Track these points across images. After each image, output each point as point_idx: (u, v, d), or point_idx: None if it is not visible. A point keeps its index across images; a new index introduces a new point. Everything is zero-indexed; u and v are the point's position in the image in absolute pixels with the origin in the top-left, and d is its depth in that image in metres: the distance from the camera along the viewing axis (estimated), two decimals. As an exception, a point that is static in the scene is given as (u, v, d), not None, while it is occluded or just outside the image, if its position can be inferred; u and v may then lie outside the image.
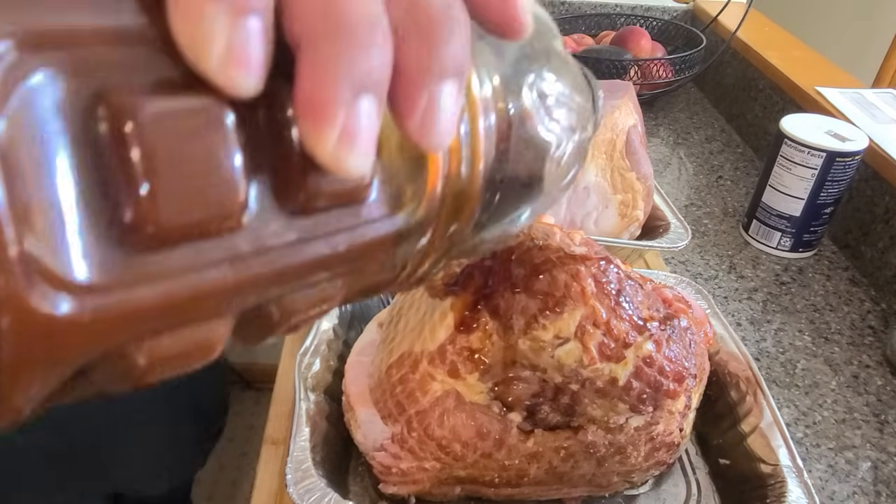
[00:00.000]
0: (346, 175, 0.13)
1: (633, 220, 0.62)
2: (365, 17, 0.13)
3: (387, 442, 0.41)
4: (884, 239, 0.71)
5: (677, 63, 1.03)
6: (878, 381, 0.60)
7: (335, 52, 0.12)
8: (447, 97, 0.14)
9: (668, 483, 0.47)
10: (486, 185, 0.17)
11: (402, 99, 0.14)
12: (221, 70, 0.12)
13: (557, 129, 0.19)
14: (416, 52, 0.14)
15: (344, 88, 0.12)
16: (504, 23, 0.16)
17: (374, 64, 0.13)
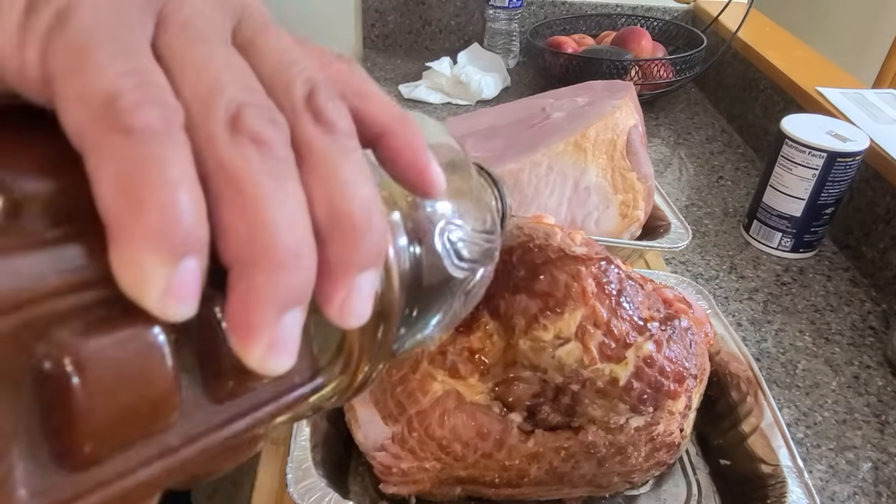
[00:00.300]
0: (273, 374, 0.14)
1: (633, 220, 0.62)
2: (290, 244, 0.14)
3: (387, 442, 0.41)
4: (884, 239, 0.71)
5: (678, 63, 1.03)
6: (879, 382, 0.60)
7: (262, 280, 0.14)
8: (365, 285, 0.16)
9: (669, 483, 0.47)
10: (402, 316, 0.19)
11: (324, 291, 0.15)
12: (160, 305, 0.13)
13: (466, 266, 0.21)
14: (337, 254, 0.15)
15: (270, 310, 0.14)
16: (414, 186, 0.18)
17: (299, 284, 0.14)
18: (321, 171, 0.15)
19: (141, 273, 0.13)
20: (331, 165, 0.16)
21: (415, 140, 0.18)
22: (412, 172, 0.18)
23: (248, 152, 0.14)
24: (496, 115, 0.72)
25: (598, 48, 1.07)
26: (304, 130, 0.16)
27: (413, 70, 1.15)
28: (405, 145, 0.18)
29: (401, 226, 0.19)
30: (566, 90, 0.72)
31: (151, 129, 0.13)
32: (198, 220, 0.13)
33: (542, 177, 0.59)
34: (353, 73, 0.19)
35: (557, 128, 0.62)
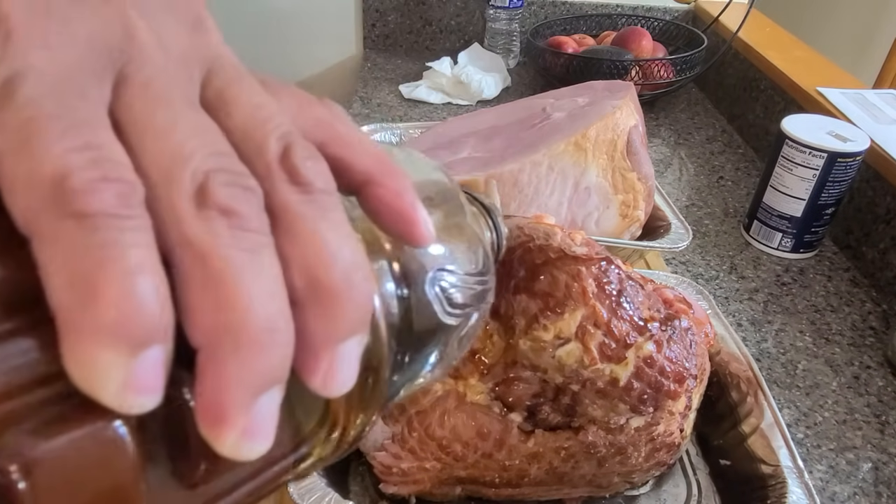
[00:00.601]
0: (249, 459, 0.13)
1: (634, 220, 0.62)
2: (263, 323, 0.13)
3: (387, 442, 0.41)
4: (885, 240, 0.71)
5: (678, 63, 1.03)
6: (879, 382, 0.60)
7: (234, 364, 0.13)
8: (349, 353, 0.15)
9: (669, 483, 0.47)
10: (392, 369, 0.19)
11: (305, 363, 0.14)
12: (118, 399, 0.12)
13: (459, 313, 0.20)
14: (318, 325, 0.14)
15: (244, 395, 0.13)
16: (403, 236, 0.18)
17: (275, 363, 0.13)
18: (298, 237, 0.14)
19: (95, 369, 0.12)
20: (308, 230, 0.15)
21: (401, 188, 0.18)
22: (400, 223, 0.17)
23: (217, 227, 0.13)
24: (496, 115, 0.72)
25: (598, 48, 1.07)
26: (279, 193, 0.15)
27: (413, 70, 1.15)
28: (391, 194, 0.17)
29: (388, 272, 0.18)
30: (566, 90, 0.72)
31: (106, 212, 0.12)
32: (159, 308, 0.12)
33: (543, 177, 0.59)
34: (335, 118, 0.18)
35: (558, 128, 0.62)
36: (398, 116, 1.00)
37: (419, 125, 0.81)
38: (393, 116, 1.00)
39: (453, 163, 0.64)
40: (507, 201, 0.59)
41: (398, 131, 0.79)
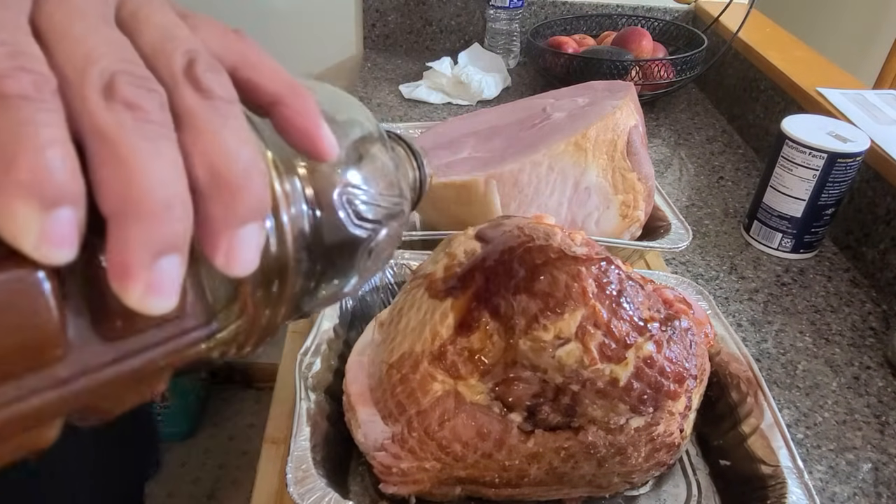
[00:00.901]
0: (154, 313, 0.16)
1: (634, 220, 0.62)
2: (160, 197, 0.15)
3: (387, 442, 0.41)
4: (885, 240, 0.71)
5: (678, 64, 1.03)
6: (879, 383, 0.60)
7: (135, 229, 0.15)
8: (247, 238, 0.17)
9: (669, 484, 0.47)
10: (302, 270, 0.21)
11: (207, 242, 0.17)
12: (37, 250, 0.14)
13: (367, 226, 0.23)
14: (217, 209, 0.17)
15: (144, 255, 0.15)
16: (309, 152, 0.20)
17: (172, 232, 0.16)
18: (199, 135, 0.17)
19: (15, 220, 0.14)
20: (208, 129, 0.17)
21: (305, 107, 0.20)
22: (304, 138, 0.20)
23: (123, 118, 0.15)
24: (497, 115, 0.72)
25: (598, 48, 1.07)
26: (183, 98, 0.17)
27: (414, 70, 1.15)
28: (295, 112, 0.20)
29: (298, 188, 0.20)
30: (567, 90, 0.72)
31: (22, 95, 0.14)
32: (70, 175, 0.15)
33: (543, 177, 0.59)
34: (246, 45, 0.20)
35: (558, 128, 0.62)
36: (398, 116, 1.00)
37: (419, 125, 0.81)
38: (393, 116, 1.00)
39: (453, 163, 0.64)
40: (507, 201, 0.59)
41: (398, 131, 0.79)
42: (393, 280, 0.57)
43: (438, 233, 0.61)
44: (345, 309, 0.52)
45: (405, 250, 0.58)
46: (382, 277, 0.57)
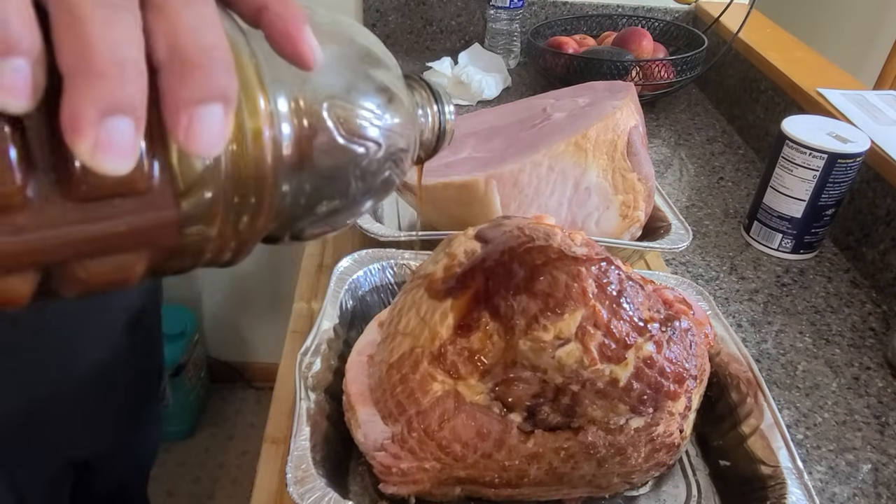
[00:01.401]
0: (107, 174, 0.17)
1: (634, 220, 0.62)
2: (113, 60, 0.16)
3: (387, 442, 0.41)
4: (885, 241, 0.71)
5: (679, 64, 1.03)
6: (879, 384, 0.60)
7: (87, 87, 0.16)
8: (208, 117, 0.17)
9: (669, 484, 0.47)
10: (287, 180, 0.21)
11: (167, 119, 0.17)
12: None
13: (357, 141, 0.23)
14: (173, 83, 0.17)
15: (92, 111, 0.16)
16: (291, 57, 0.20)
17: (122, 93, 0.16)
18: (161, 12, 0.18)
19: None
20: (174, 11, 0.18)
21: (289, 12, 0.20)
22: (286, 43, 0.20)
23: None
24: (497, 115, 0.72)
25: (599, 49, 1.07)
26: None
27: (414, 70, 1.15)
28: (277, 17, 0.20)
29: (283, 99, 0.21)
30: (567, 90, 0.72)
31: None
32: (25, 28, 0.16)
33: (543, 177, 0.59)
34: None
35: (558, 128, 0.62)
36: (398, 116, 1.00)
37: (419, 125, 0.81)
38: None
39: (453, 163, 0.64)
40: (507, 202, 0.59)
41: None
42: (393, 280, 0.57)
43: (438, 233, 0.61)
44: (345, 309, 0.52)
45: (405, 250, 0.58)
46: (382, 277, 0.57)
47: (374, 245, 0.59)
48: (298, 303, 0.63)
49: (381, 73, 0.25)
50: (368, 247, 0.58)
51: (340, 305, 0.52)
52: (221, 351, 1.63)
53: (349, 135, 0.23)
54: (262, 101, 0.20)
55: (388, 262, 0.57)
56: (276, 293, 1.50)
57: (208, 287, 1.51)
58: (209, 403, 1.63)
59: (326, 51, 0.22)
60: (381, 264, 0.56)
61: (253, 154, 0.20)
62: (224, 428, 1.60)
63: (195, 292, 1.51)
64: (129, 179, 0.18)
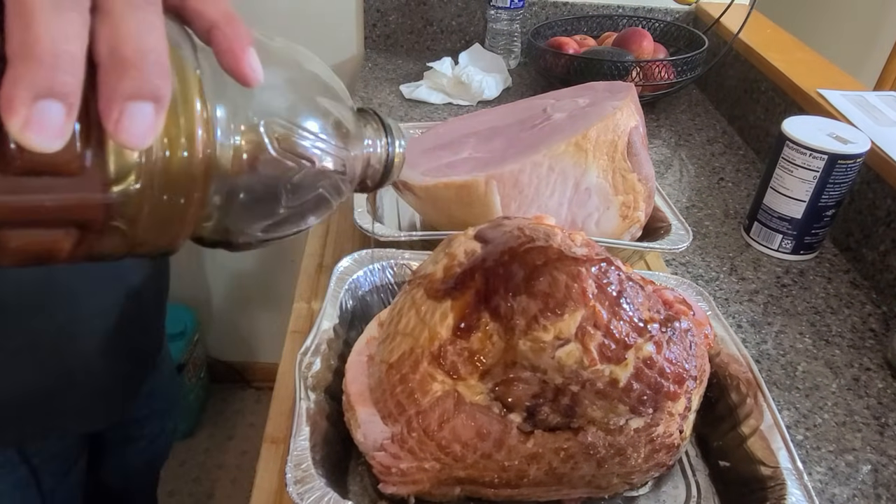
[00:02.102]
0: (35, 149, 0.18)
1: (634, 221, 0.62)
2: (52, 50, 0.18)
3: (386, 442, 0.41)
4: (885, 242, 0.71)
5: (679, 64, 1.03)
6: (879, 384, 0.60)
7: (24, 71, 0.18)
8: (137, 112, 0.19)
9: (668, 485, 0.47)
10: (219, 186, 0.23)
11: (101, 110, 0.19)
12: None
13: (290, 157, 0.25)
14: (109, 79, 0.19)
15: (26, 93, 0.18)
16: (234, 73, 0.23)
17: (56, 81, 0.18)
18: (107, 17, 0.19)
19: None
20: (120, 16, 0.20)
21: (235, 32, 0.23)
22: (228, 59, 0.23)
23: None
24: (497, 115, 0.72)
25: (599, 49, 1.07)
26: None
27: (414, 70, 1.15)
28: (225, 37, 0.23)
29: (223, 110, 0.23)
30: (567, 91, 0.72)
31: None
32: None
33: (543, 177, 0.59)
34: None
35: (558, 128, 0.62)
36: (399, 117, 1.00)
37: (420, 125, 0.81)
38: (394, 117, 1.00)
39: (454, 163, 0.64)
40: (507, 202, 0.59)
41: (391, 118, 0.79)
42: (393, 280, 0.57)
43: (438, 233, 0.61)
44: (345, 309, 0.52)
45: (405, 250, 0.58)
46: (382, 277, 0.57)
47: (374, 245, 0.59)
48: (298, 303, 0.63)
49: (324, 99, 0.27)
50: (368, 247, 0.58)
51: (340, 305, 0.52)
52: (221, 351, 1.63)
53: (282, 150, 0.24)
54: (200, 107, 0.22)
55: (388, 262, 0.57)
56: (276, 293, 1.50)
57: (208, 287, 1.51)
58: (209, 403, 1.63)
59: (274, 73, 0.24)
60: (381, 264, 0.56)
61: (186, 156, 0.22)
62: (224, 428, 1.60)
63: (195, 292, 1.51)
64: (61, 160, 0.19)
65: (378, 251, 0.57)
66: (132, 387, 0.72)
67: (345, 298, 0.53)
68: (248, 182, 0.24)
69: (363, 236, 0.61)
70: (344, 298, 0.53)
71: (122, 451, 0.77)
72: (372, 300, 0.56)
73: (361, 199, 0.64)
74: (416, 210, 0.69)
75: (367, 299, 0.56)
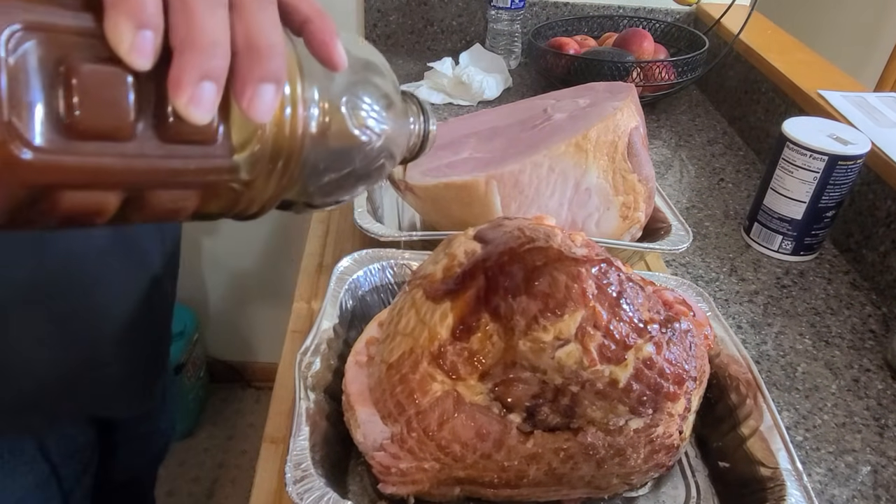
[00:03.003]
0: (194, 122, 0.23)
1: (634, 221, 0.62)
2: (209, 41, 0.22)
3: (386, 442, 0.41)
4: (885, 243, 0.71)
5: (680, 65, 1.03)
6: (879, 385, 0.60)
7: (188, 56, 0.22)
8: (266, 93, 0.24)
9: (668, 485, 0.47)
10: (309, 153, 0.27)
11: (237, 90, 0.23)
12: (127, 55, 0.21)
13: (366, 131, 0.30)
14: (246, 66, 0.23)
15: (193, 74, 0.22)
16: (324, 60, 0.27)
17: (213, 65, 0.22)
18: (242, 13, 0.24)
19: (118, 32, 0.21)
20: (250, 12, 0.24)
21: (326, 26, 0.27)
22: (321, 47, 0.27)
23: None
24: (497, 115, 0.72)
25: (599, 49, 1.07)
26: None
27: (415, 70, 1.15)
28: (317, 29, 0.27)
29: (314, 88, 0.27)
30: (568, 91, 0.72)
31: None
32: (155, 11, 0.22)
33: (543, 178, 0.59)
34: None
35: (559, 129, 0.62)
36: (399, 116, 1.00)
37: (420, 125, 0.81)
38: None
39: (454, 163, 0.64)
40: (507, 202, 0.59)
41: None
42: (393, 280, 0.57)
43: (439, 233, 0.61)
44: (345, 309, 0.52)
45: (405, 250, 0.58)
46: (382, 277, 0.57)
47: (374, 245, 0.59)
48: (298, 303, 0.63)
49: (386, 85, 0.32)
50: (368, 247, 0.58)
51: (340, 305, 0.52)
52: (221, 350, 1.63)
53: (358, 125, 0.29)
54: (301, 88, 0.26)
55: (388, 262, 0.57)
56: (276, 293, 1.50)
57: (208, 286, 1.51)
58: (209, 403, 1.63)
59: (350, 59, 0.28)
60: (381, 264, 0.56)
61: (289, 127, 0.26)
62: (223, 428, 1.60)
63: (195, 292, 1.51)
64: (204, 130, 0.24)
65: (378, 251, 0.57)
66: (153, 372, 0.73)
67: (345, 298, 0.53)
68: (330, 149, 0.28)
69: (363, 236, 0.61)
70: (344, 298, 0.53)
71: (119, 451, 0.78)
72: (372, 300, 0.56)
73: (361, 199, 0.64)
74: (416, 210, 0.69)
75: (367, 299, 0.56)
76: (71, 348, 0.58)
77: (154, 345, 0.73)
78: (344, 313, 0.52)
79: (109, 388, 0.64)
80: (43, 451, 0.61)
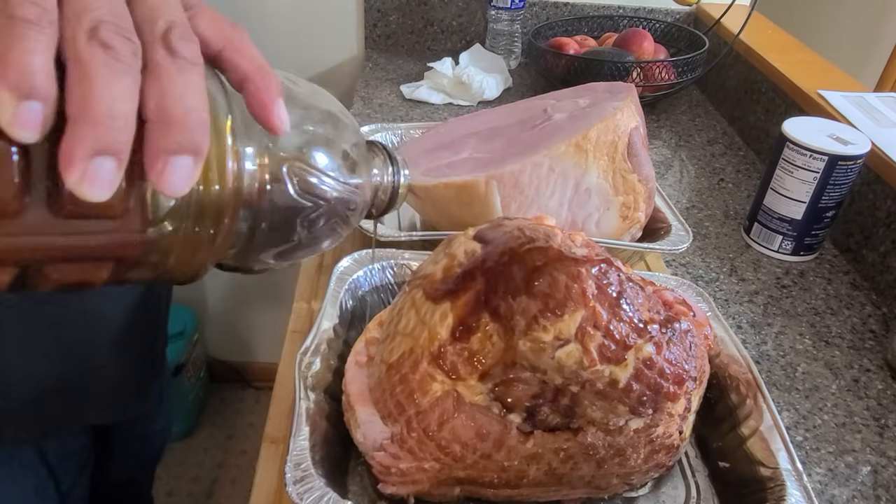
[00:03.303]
0: (88, 199, 0.20)
1: (634, 221, 0.62)
2: (107, 111, 0.20)
3: (386, 442, 0.41)
4: (885, 243, 0.71)
5: (680, 65, 1.03)
6: (879, 386, 0.60)
7: (83, 131, 0.20)
8: (177, 166, 0.21)
9: (668, 486, 0.47)
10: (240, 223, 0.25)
11: (147, 162, 0.21)
12: (8, 128, 0.19)
13: (308, 198, 0.27)
14: (155, 135, 0.21)
15: (84, 150, 0.20)
16: (263, 123, 0.25)
17: (111, 139, 0.20)
18: (156, 79, 0.21)
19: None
20: (164, 76, 0.22)
21: (267, 85, 0.25)
22: (260, 109, 0.25)
23: (96, 51, 0.20)
24: (497, 115, 0.72)
25: (599, 50, 1.07)
26: (154, 53, 0.22)
27: (415, 70, 1.15)
28: (256, 88, 0.25)
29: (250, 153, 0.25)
30: (568, 91, 0.72)
31: (26, 19, 0.19)
32: (44, 78, 0.20)
33: (543, 178, 0.59)
34: (236, 33, 0.25)
35: (559, 129, 0.62)
36: (399, 117, 1.00)
37: (420, 125, 0.81)
38: (394, 117, 1.00)
39: (454, 163, 0.64)
40: (507, 202, 0.59)
41: (399, 132, 0.80)
42: (393, 280, 0.57)
43: (438, 233, 0.61)
44: (345, 309, 0.52)
45: (405, 250, 0.58)
46: (382, 277, 0.57)
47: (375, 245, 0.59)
48: (298, 303, 0.63)
49: (343, 140, 0.29)
50: (368, 247, 0.58)
51: (340, 305, 0.52)
52: (221, 351, 1.63)
53: (302, 191, 0.27)
54: (231, 153, 0.24)
55: (388, 262, 0.57)
56: (276, 293, 1.50)
57: (208, 287, 1.51)
58: (208, 403, 1.63)
59: (298, 116, 0.27)
60: (381, 264, 0.56)
61: (216, 195, 0.24)
62: (223, 428, 1.60)
63: (195, 292, 1.51)
64: (108, 205, 0.21)
65: (378, 251, 0.57)
66: (149, 374, 0.73)
67: (345, 298, 0.53)
68: (270, 215, 0.26)
69: (363, 236, 0.61)
70: (344, 298, 0.53)
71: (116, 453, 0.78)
72: (372, 300, 0.56)
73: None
74: (416, 210, 0.69)
75: (367, 299, 0.56)
76: (67, 354, 0.58)
77: (149, 346, 0.73)
78: (344, 313, 0.52)
79: (105, 391, 0.64)
80: (41, 455, 0.61)
